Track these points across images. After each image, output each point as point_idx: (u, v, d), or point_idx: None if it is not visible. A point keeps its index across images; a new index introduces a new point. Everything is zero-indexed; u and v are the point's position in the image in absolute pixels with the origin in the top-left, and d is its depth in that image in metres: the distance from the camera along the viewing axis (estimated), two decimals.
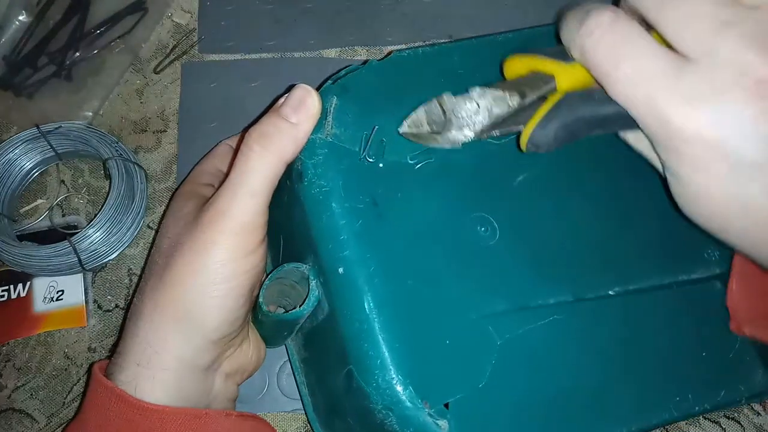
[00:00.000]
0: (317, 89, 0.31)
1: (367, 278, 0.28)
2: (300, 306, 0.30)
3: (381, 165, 0.30)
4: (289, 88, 0.30)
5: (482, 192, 0.32)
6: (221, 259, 0.28)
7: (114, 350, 0.32)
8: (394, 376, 0.27)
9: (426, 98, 0.30)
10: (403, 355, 0.27)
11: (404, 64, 0.33)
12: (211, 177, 0.36)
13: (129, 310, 0.33)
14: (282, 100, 0.30)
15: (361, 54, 0.47)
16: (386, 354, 0.27)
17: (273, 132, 0.29)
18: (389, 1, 0.47)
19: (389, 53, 0.34)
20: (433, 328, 0.28)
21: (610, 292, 0.32)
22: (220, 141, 0.40)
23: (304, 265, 0.30)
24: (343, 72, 0.32)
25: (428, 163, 0.31)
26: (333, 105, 0.31)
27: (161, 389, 0.29)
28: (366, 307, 0.28)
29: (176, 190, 0.37)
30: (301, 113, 0.29)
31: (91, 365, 0.32)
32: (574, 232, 0.33)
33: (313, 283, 0.30)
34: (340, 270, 0.28)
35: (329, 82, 0.32)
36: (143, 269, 0.42)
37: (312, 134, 0.30)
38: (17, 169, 0.42)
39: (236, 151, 0.30)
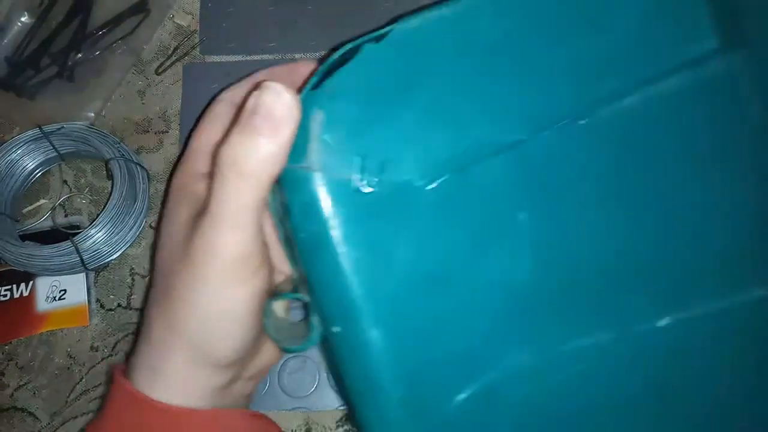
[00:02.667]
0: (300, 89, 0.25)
1: (366, 342, 0.25)
2: (301, 342, 0.28)
3: (382, 194, 0.24)
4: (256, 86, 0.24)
5: (511, 212, 0.26)
6: (216, 294, 0.27)
7: (133, 345, 0.31)
8: None
9: (444, 89, 0.25)
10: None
11: (410, 44, 0.25)
12: (206, 159, 0.32)
13: (143, 310, 0.32)
14: (249, 104, 0.24)
15: None
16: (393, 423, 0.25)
17: (245, 154, 0.24)
18: (389, 3, 0.48)
19: (388, 28, 0.25)
20: (441, 393, 0.26)
21: (661, 323, 0.26)
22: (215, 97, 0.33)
23: (304, 297, 0.27)
24: (324, 67, 0.25)
25: (445, 182, 0.25)
26: (318, 123, 0.24)
27: (180, 398, 0.28)
28: (367, 366, 0.25)
29: (172, 173, 0.34)
30: (275, 122, 0.23)
31: (112, 367, 0.31)
32: (625, 248, 0.27)
33: (314, 319, 0.27)
34: (336, 329, 0.25)
35: (307, 87, 0.24)
36: (150, 270, 0.42)
37: (292, 162, 0.24)
38: (20, 169, 0.43)
39: (212, 167, 0.26)
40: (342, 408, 0.40)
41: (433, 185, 0.25)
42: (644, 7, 0.26)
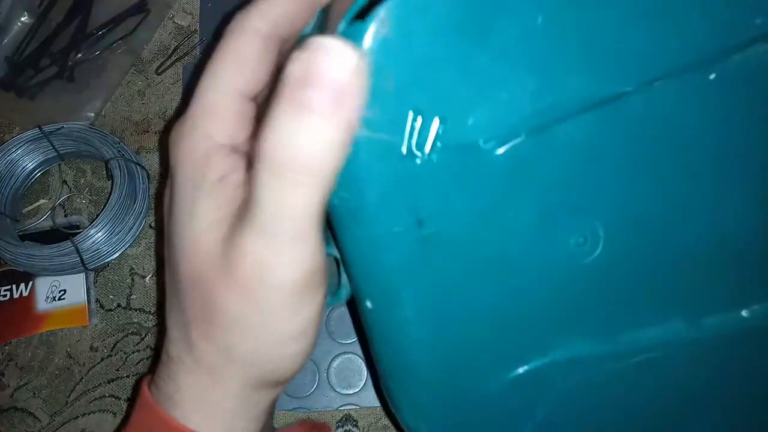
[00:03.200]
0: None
1: (401, 323, 0.22)
2: (328, 298, 0.25)
3: (435, 159, 0.19)
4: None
5: (592, 183, 0.21)
6: (281, 322, 0.22)
7: (155, 366, 0.28)
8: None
9: (533, 24, 0.19)
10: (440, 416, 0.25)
11: None
12: (231, 123, 0.22)
13: (161, 324, 0.30)
14: (294, 70, 0.16)
15: None
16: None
17: (307, 142, 0.17)
18: None
19: None
20: (479, 378, 0.24)
21: (744, 313, 0.23)
22: (232, 21, 0.21)
23: (334, 252, 0.23)
24: None
25: (517, 145, 0.20)
26: (362, 67, 0.17)
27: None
28: (400, 347, 0.23)
29: (171, 132, 0.23)
30: (335, 94, 0.16)
31: (139, 381, 0.29)
32: (723, 227, 0.23)
33: (344, 278, 0.24)
34: (368, 304, 0.22)
35: (347, 16, 0.19)
36: (160, 273, 0.42)
37: None
38: (20, 169, 0.43)
39: (250, 156, 0.21)
40: (342, 408, 0.40)
41: (503, 149, 0.20)
42: None
